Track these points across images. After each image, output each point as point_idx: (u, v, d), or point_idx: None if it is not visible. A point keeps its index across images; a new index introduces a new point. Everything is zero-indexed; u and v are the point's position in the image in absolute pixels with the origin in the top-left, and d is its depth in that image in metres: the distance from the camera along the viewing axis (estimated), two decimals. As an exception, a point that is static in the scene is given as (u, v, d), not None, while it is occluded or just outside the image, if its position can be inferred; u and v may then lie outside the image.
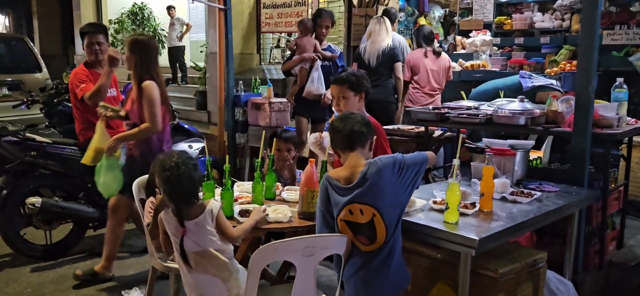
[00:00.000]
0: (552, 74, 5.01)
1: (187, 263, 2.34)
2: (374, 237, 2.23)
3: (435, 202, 2.51)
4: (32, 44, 9.07)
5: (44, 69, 8.54)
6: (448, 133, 4.41)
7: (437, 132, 4.43)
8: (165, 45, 13.00)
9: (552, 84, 4.60)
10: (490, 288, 2.26)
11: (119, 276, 3.90)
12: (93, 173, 4.20)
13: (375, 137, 2.47)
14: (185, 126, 5.22)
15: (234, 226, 2.42)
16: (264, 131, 3.06)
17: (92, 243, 4.50)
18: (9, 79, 7.78)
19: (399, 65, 5.14)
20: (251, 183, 3.18)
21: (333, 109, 3.10)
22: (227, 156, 2.87)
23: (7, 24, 18.66)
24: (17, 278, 3.85)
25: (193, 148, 4.97)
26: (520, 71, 4.87)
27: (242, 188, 3.12)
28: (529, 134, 3.71)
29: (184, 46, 11.78)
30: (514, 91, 4.74)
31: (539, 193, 2.72)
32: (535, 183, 3.02)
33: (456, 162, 2.24)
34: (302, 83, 4.99)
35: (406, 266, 2.33)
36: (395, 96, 5.24)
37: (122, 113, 3.68)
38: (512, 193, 2.71)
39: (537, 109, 3.39)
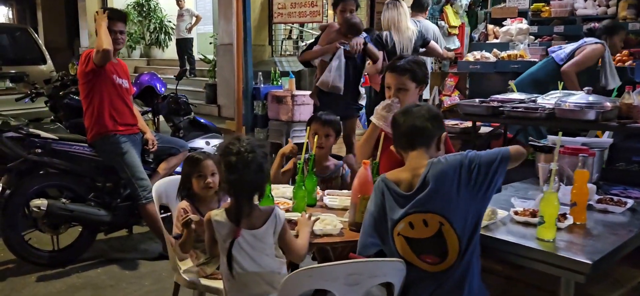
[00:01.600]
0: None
1: (231, 272, 1.94)
2: (445, 252, 1.85)
3: (516, 213, 2.11)
4: (36, 34, 8.70)
5: (49, 61, 8.17)
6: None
7: (484, 129, 4.03)
8: (173, 37, 12.66)
9: (585, 42, 4.31)
10: (594, 319, 1.87)
11: (133, 286, 3.52)
12: (106, 172, 3.87)
13: (444, 133, 2.07)
14: (202, 121, 4.84)
15: None
16: (308, 128, 2.66)
17: (103, 248, 4.13)
18: (12, 71, 7.41)
19: (434, 43, 4.74)
20: (288, 187, 2.82)
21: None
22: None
23: (11, 16, 18.30)
24: (22, 289, 3.48)
25: (210, 144, 4.59)
26: (549, 48, 4.49)
27: (277, 193, 2.72)
28: (593, 130, 3.31)
29: (193, 38, 11.43)
30: (552, 71, 4.42)
31: (630, 201, 2.33)
32: (618, 187, 2.62)
33: (554, 167, 1.85)
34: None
35: (486, 289, 1.94)
36: None
37: None
38: (599, 201, 2.31)
39: (608, 102, 2.99)
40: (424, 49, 4.80)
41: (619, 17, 5.12)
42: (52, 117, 4.92)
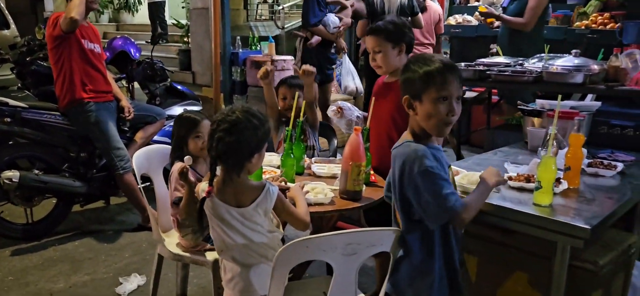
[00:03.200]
0: (583, 27, 4.60)
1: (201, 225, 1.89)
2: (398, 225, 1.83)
3: (511, 178, 2.08)
4: (-3, -3, 8.29)
5: (13, 26, 7.81)
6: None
7: (469, 94, 4.01)
8: (144, 0, 12.23)
9: None
10: (588, 283, 1.87)
11: (113, 259, 3.43)
12: (80, 141, 3.72)
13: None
14: (179, 87, 4.68)
15: None
16: (297, 92, 2.58)
17: (79, 220, 4.01)
18: (-27, 37, 7.06)
19: (420, 17, 4.67)
20: (274, 155, 2.75)
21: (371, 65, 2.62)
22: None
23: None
24: (-4, 263, 3.36)
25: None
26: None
27: (264, 161, 2.63)
28: (579, 93, 3.30)
29: (165, 1, 11.03)
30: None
31: (620, 164, 2.32)
32: (605, 151, 2.62)
33: (552, 131, 1.81)
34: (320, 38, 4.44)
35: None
36: None
37: None
38: (590, 165, 2.30)
39: (595, 64, 2.98)
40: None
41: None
42: (19, 84, 4.70)
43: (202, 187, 1.88)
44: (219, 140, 1.77)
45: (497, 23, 4.80)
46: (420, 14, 4.76)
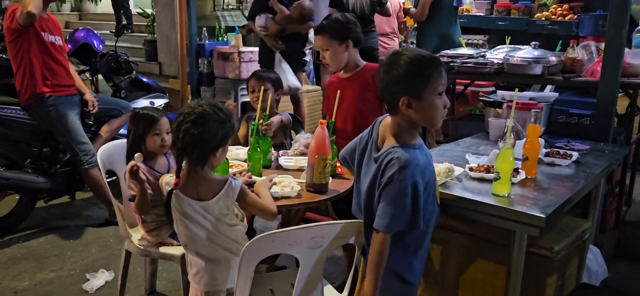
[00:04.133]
0: (543, 19, 4.73)
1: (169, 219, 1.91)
2: None
3: (471, 169, 2.14)
4: (-49, -14, 7.97)
5: (-31, 16, 7.52)
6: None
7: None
8: (107, -11, 11.92)
9: None
10: (545, 268, 1.95)
11: (79, 255, 3.38)
12: (42, 136, 3.65)
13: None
14: (144, 80, 4.62)
15: None
16: (264, 86, 2.59)
17: (43, 216, 3.94)
18: None
19: (389, 6, 4.74)
20: (241, 148, 2.75)
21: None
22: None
23: None
24: (-44, 263, 3.27)
25: (155, 104, 4.40)
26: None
27: (231, 155, 2.64)
28: (538, 84, 3.41)
29: (128, -10, 10.78)
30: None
31: (575, 154, 2.42)
32: (562, 140, 2.72)
33: (510, 123, 1.88)
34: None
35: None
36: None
37: None
38: (547, 154, 2.39)
39: (553, 56, 3.08)
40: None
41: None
42: (-22, 78, 4.55)
43: (166, 180, 1.89)
44: (185, 132, 1.79)
45: None
46: (388, 3, 4.82)
